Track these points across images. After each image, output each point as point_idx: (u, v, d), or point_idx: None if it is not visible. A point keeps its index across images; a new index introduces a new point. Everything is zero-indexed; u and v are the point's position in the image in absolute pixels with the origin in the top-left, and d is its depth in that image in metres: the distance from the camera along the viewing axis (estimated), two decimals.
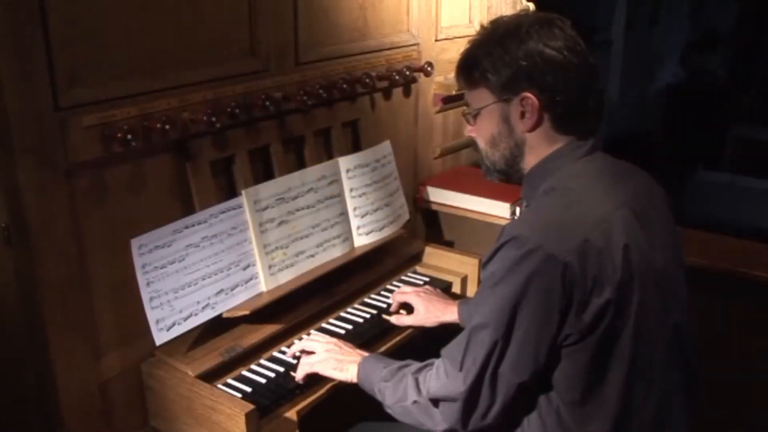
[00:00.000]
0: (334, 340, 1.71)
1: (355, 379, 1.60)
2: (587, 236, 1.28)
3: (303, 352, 1.70)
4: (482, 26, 1.49)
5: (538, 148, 1.45)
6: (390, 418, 1.71)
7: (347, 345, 1.69)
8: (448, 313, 1.88)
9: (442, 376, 1.40)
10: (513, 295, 1.28)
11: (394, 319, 1.92)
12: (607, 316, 1.29)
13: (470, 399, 1.35)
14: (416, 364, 1.52)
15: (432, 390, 1.41)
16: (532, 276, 1.27)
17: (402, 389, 1.48)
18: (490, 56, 1.41)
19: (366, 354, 1.65)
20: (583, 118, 1.43)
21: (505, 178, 1.55)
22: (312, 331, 1.85)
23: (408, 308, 1.94)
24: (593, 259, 1.27)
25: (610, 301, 1.28)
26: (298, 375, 1.65)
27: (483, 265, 1.39)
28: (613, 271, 1.28)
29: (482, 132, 1.50)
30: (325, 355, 1.65)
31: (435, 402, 1.42)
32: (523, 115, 1.41)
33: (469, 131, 1.55)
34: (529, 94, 1.39)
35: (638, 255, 1.33)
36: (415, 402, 1.45)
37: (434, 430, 1.44)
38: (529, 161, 1.47)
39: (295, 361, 1.71)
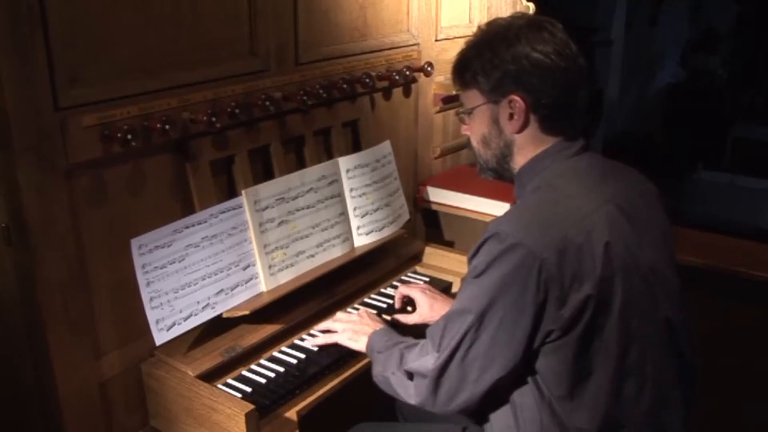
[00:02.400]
0: (361, 310, 1.81)
1: (364, 350, 1.66)
2: (567, 232, 1.30)
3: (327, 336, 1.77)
4: (478, 27, 1.52)
5: (526, 148, 1.48)
6: (390, 418, 1.71)
7: (370, 316, 1.77)
8: None
9: (422, 353, 1.45)
10: (491, 287, 1.32)
11: (399, 317, 1.91)
12: (588, 311, 1.30)
13: (438, 378, 1.39)
14: (411, 341, 1.57)
15: (409, 363, 1.47)
16: (510, 271, 1.30)
17: (388, 361, 1.54)
18: (481, 58, 1.45)
19: (381, 326, 1.71)
20: (571, 120, 1.46)
21: (498, 177, 1.58)
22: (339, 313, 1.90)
23: (410, 302, 1.94)
24: (571, 255, 1.29)
25: (590, 297, 1.30)
26: (319, 342, 1.76)
27: (469, 260, 1.42)
28: (593, 267, 1.30)
29: (474, 132, 1.54)
30: (345, 326, 1.75)
31: (410, 375, 1.47)
32: (511, 116, 1.45)
33: (464, 130, 1.59)
34: (516, 97, 1.42)
35: (623, 251, 1.34)
36: (393, 373, 1.51)
37: (408, 402, 1.49)
38: (519, 161, 1.50)
39: (297, 361, 1.71)
